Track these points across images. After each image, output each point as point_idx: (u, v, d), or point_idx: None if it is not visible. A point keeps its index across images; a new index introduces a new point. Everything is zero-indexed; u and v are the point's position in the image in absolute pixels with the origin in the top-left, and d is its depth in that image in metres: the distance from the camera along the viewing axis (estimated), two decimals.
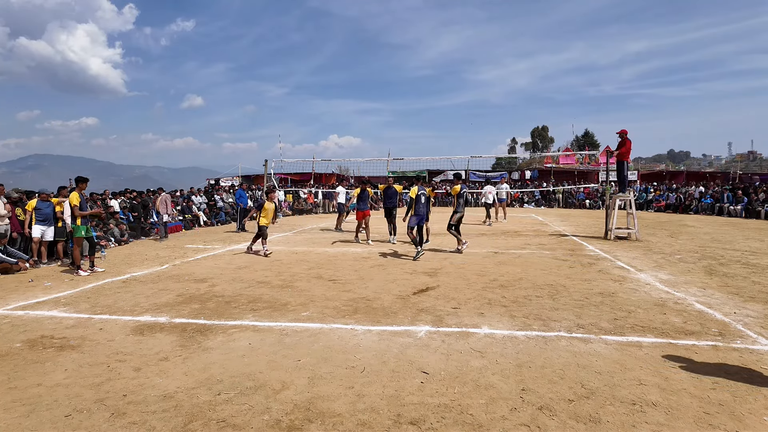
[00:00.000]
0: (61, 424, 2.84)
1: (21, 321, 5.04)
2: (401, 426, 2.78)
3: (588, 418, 2.84)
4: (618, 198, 11.53)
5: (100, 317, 5.12)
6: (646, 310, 5.12)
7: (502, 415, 2.90)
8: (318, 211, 23.83)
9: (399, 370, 3.60)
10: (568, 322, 4.71)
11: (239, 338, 4.37)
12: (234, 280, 7.03)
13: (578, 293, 5.91)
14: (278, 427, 2.77)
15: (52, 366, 3.76)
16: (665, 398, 3.10)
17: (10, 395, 3.24)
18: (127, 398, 3.17)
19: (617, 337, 4.26)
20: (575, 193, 27.41)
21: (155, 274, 7.65)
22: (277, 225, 16.74)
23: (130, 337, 4.43)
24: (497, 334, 4.38)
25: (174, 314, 5.18)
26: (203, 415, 2.93)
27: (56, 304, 5.73)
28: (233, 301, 5.75)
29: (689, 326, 4.57)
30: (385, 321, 4.85)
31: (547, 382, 3.35)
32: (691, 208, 21.20)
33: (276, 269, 7.88)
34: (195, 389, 3.29)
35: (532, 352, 3.92)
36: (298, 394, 3.21)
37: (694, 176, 30.44)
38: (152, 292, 6.26)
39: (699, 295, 5.77)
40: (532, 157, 42.24)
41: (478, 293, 5.97)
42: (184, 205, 16.76)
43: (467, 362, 3.73)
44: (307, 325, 4.75)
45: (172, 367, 3.71)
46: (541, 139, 55.46)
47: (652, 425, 2.77)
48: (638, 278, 6.82)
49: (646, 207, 23.47)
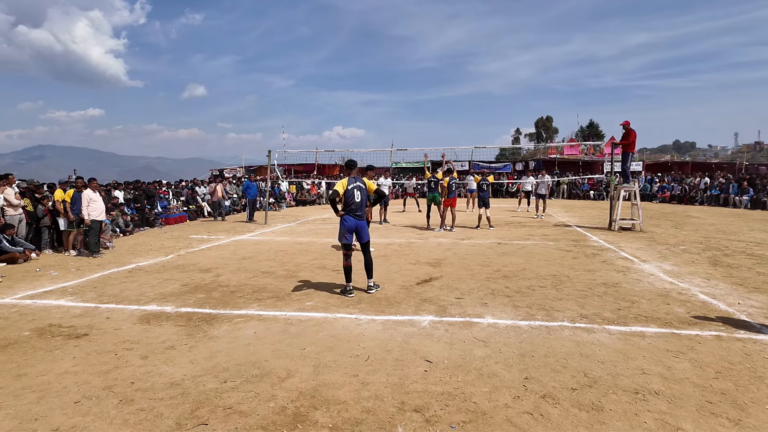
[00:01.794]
0: (70, 411, 2.89)
1: (29, 310, 5.10)
2: (405, 413, 2.81)
3: (591, 407, 2.87)
4: (622, 189, 11.48)
5: (107, 306, 5.18)
6: (649, 301, 5.13)
7: (506, 403, 2.93)
8: (321, 201, 23.84)
9: (403, 358, 3.63)
10: (571, 312, 4.72)
11: (244, 327, 4.41)
12: (239, 270, 7.07)
13: (582, 284, 5.92)
14: (284, 414, 2.81)
15: (60, 354, 3.81)
16: (668, 387, 3.12)
17: (20, 382, 3.29)
18: (135, 385, 3.22)
19: (620, 327, 4.28)
20: (579, 183, 27.29)
21: (160, 264, 7.71)
22: (281, 216, 16.79)
23: (136, 326, 4.48)
24: (500, 324, 4.40)
25: (180, 303, 5.22)
26: (210, 402, 2.97)
27: (63, 294, 5.79)
28: (238, 290, 5.79)
29: (693, 317, 4.57)
30: (389, 311, 4.88)
31: (550, 371, 3.37)
32: (696, 200, 21.08)
33: (280, 259, 7.91)
34: (201, 377, 3.34)
35: (535, 342, 3.94)
36: (303, 381, 3.25)
37: (699, 167, 30.19)
38: (158, 282, 6.31)
39: (703, 286, 5.77)
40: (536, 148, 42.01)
41: (481, 283, 5.99)
42: (189, 196, 16.81)
43: (471, 351, 3.76)
44: (311, 314, 4.79)
45: (178, 355, 3.75)
46: (545, 129, 55.08)
47: (654, 413, 2.79)
48: (642, 269, 6.82)
49: (650, 198, 23.36)
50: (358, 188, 5.66)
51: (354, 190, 5.62)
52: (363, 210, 5.69)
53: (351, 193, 5.60)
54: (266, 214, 14.65)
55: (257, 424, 2.70)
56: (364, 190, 5.71)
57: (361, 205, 5.64)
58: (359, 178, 5.79)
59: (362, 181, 5.78)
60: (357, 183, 5.69)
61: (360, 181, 5.74)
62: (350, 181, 5.66)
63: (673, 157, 39.31)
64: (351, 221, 5.60)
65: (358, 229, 5.65)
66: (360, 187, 5.68)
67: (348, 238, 5.63)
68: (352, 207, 5.60)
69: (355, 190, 5.62)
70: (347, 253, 5.65)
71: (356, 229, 5.64)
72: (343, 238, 5.63)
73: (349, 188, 5.62)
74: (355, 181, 5.70)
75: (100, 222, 8.85)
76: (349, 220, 5.59)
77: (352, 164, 5.95)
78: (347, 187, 5.62)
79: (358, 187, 5.66)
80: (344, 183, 5.64)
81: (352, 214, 5.61)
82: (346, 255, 5.64)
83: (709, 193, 20.82)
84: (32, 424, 2.74)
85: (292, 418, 2.78)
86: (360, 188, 5.67)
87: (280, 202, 20.87)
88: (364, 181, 5.79)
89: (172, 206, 15.47)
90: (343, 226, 5.60)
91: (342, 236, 5.63)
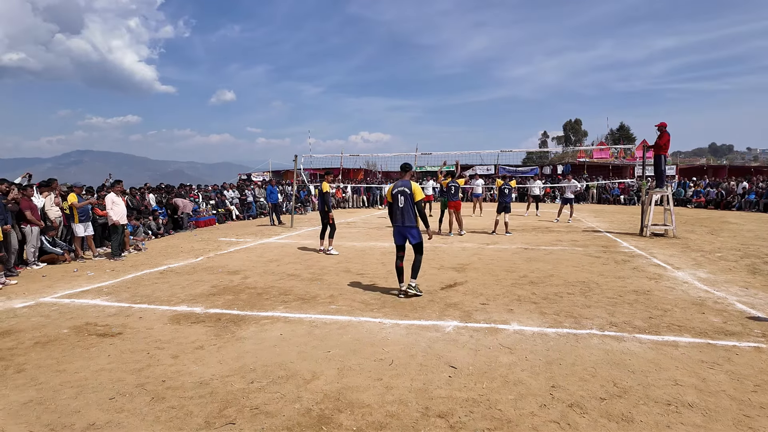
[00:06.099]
0: (106, 406, 3.00)
1: (67, 308, 5.33)
2: (429, 419, 2.80)
3: (620, 417, 2.79)
4: (654, 193, 11.14)
5: (140, 306, 5.35)
6: (683, 309, 4.96)
7: (531, 411, 2.88)
8: (346, 206, 24.01)
9: (427, 363, 3.62)
10: (600, 320, 4.61)
11: (271, 329, 4.48)
12: (265, 272, 7.20)
13: (611, 291, 5.77)
14: (309, 416, 2.85)
15: (96, 351, 3.97)
16: (702, 399, 3.01)
17: (59, 378, 3.44)
18: (166, 384, 3.32)
19: (652, 336, 4.15)
20: (610, 188, 26.63)
21: (190, 265, 7.92)
22: (306, 219, 17.01)
23: (167, 326, 4.61)
24: (527, 331, 4.34)
25: (209, 305, 5.36)
26: (237, 402, 3.04)
27: (99, 293, 6.02)
28: (265, 292, 5.89)
29: (730, 326, 4.39)
30: (413, 315, 4.87)
31: (577, 380, 3.30)
32: (734, 205, 20.25)
33: (305, 263, 8.01)
34: (229, 377, 3.41)
35: (562, 350, 3.87)
36: (328, 384, 3.28)
37: (737, 171, 29.01)
38: (188, 283, 6.49)
39: (741, 295, 5.54)
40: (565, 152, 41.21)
41: (507, 289, 5.91)
42: (218, 200, 17.23)
43: (496, 358, 3.71)
44: (336, 317, 4.83)
45: (207, 355, 3.85)
46: (573, 132, 54.00)
47: (688, 426, 2.69)
48: (675, 276, 6.59)
49: (684, 203, 22.58)
50: (402, 193, 5.50)
51: (398, 194, 5.51)
52: (407, 216, 5.49)
53: (395, 197, 5.54)
54: (292, 217, 14.86)
55: (283, 425, 2.74)
56: (409, 195, 5.47)
57: (404, 212, 5.48)
58: (407, 182, 5.57)
59: (409, 185, 5.53)
60: (402, 187, 5.52)
61: (406, 185, 5.52)
62: (396, 185, 5.59)
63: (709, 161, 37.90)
64: (395, 228, 5.61)
65: (406, 234, 5.56)
66: (404, 191, 5.50)
67: (397, 239, 5.65)
68: (396, 213, 5.53)
69: (398, 194, 5.50)
70: (399, 254, 5.67)
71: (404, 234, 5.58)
72: (395, 238, 5.68)
73: (393, 192, 5.55)
74: (401, 185, 5.54)
75: (123, 225, 9.01)
76: (394, 227, 5.62)
77: (407, 167, 5.88)
78: (392, 191, 5.56)
79: (402, 192, 5.50)
80: (390, 188, 5.62)
81: (396, 220, 5.55)
82: (398, 256, 5.67)
83: (747, 198, 19.97)
84: (70, 418, 2.86)
85: (317, 420, 2.81)
86: (404, 193, 5.49)
87: (306, 206, 21.14)
88: (411, 185, 5.53)
89: (201, 209, 15.87)
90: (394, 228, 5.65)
91: (394, 236, 5.69)
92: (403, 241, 5.64)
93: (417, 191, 5.48)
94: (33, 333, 4.46)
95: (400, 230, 5.58)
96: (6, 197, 7.63)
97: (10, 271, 7.23)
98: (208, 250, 9.73)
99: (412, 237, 5.55)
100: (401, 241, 5.64)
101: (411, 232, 5.54)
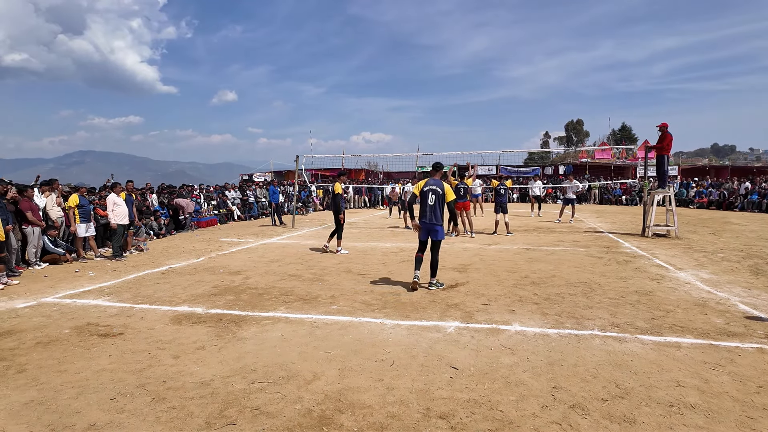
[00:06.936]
0: (107, 406, 3.00)
1: (69, 309, 5.33)
2: (430, 420, 2.80)
3: (622, 419, 2.78)
4: (656, 193, 11.12)
5: (141, 306, 5.36)
6: (685, 310, 4.94)
7: (533, 412, 2.87)
8: (348, 206, 24.02)
9: (428, 364, 3.61)
10: (602, 321, 4.60)
11: (272, 329, 4.48)
12: (267, 272, 7.20)
13: (613, 291, 5.76)
14: (309, 417, 2.84)
15: (97, 352, 3.96)
16: (705, 401, 2.99)
17: (60, 378, 3.44)
18: (167, 384, 3.32)
19: (654, 337, 4.13)
20: (611, 188, 26.58)
21: (192, 266, 7.92)
22: (308, 219, 17.01)
23: (168, 326, 4.61)
24: (528, 332, 4.32)
25: (210, 305, 5.36)
26: (238, 402, 3.03)
27: (100, 294, 6.03)
28: (266, 293, 5.89)
29: (732, 327, 4.38)
30: (414, 316, 4.86)
31: (579, 381, 3.29)
32: (736, 205, 20.19)
33: (306, 263, 8.01)
34: (230, 377, 3.41)
35: (564, 350, 3.86)
36: (329, 385, 3.27)
37: (739, 171, 28.93)
38: (189, 284, 6.49)
39: (743, 296, 5.52)
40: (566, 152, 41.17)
41: (508, 290, 5.90)
42: (219, 200, 17.25)
43: (497, 359, 3.70)
44: (337, 318, 4.82)
45: (208, 355, 3.85)
46: (575, 133, 53.95)
47: (690, 428, 2.68)
48: (677, 277, 6.58)
49: (686, 204, 22.52)
50: (434, 192, 5.75)
51: (428, 192, 5.76)
52: (436, 214, 5.78)
53: (425, 194, 5.78)
54: (293, 217, 14.87)
55: (284, 426, 2.74)
56: (441, 195, 5.76)
57: (434, 210, 5.75)
58: (439, 182, 5.84)
59: (441, 185, 5.81)
60: (434, 186, 5.80)
61: (438, 185, 5.81)
62: (427, 183, 5.83)
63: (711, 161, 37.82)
64: (423, 226, 5.84)
65: (431, 231, 5.85)
66: (436, 191, 5.77)
67: (422, 235, 5.92)
68: (426, 210, 5.79)
69: (429, 192, 5.75)
70: (420, 248, 6.03)
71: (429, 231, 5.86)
72: (419, 234, 5.96)
73: (424, 189, 5.79)
74: (434, 183, 5.80)
75: (124, 226, 9.01)
76: (421, 222, 5.85)
77: (438, 166, 6.10)
78: (422, 188, 5.81)
79: (434, 191, 5.75)
80: (420, 184, 5.88)
81: (425, 216, 5.80)
82: (420, 249, 5.99)
83: (749, 198, 19.91)
84: (71, 419, 2.85)
85: (317, 420, 2.80)
86: (436, 192, 5.76)
87: (308, 206, 21.15)
88: (443, 186, 5.82)
89: (203, 210, 15.89)
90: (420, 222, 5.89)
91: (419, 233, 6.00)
92: (426, 236, 5.93)
93: (449, 192, 5.81)
94: (34, 333, 4.46)
95: (427, 227, 5.86)
96: (4, 197, 7.63)
97: (12, 272, 7.24)
98: (209, 250, 9.74)
99: (436, 234, 5.85)
100: (425, 237, 5.94)
101: (436, 229, 5.84)
